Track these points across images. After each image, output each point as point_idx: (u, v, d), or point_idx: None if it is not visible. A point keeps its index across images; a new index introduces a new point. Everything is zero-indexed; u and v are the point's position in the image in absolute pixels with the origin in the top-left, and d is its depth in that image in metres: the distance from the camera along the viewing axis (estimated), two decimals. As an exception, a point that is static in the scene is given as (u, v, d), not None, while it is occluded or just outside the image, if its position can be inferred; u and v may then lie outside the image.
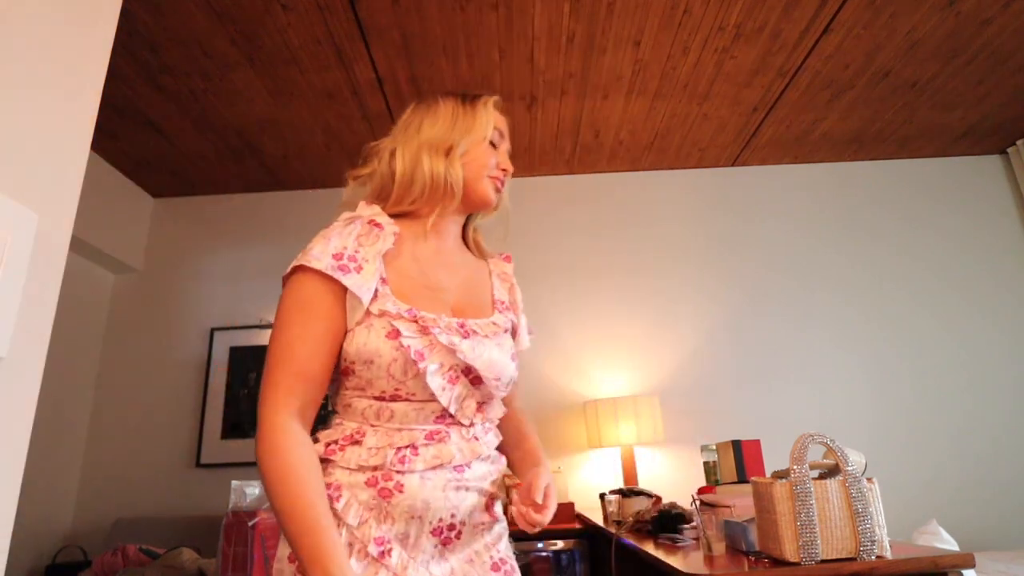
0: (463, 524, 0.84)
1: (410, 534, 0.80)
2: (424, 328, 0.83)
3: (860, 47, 2.37)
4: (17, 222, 0.71)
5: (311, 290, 0.82)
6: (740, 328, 2.99)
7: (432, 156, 0.90)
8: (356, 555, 0.77)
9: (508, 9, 2.09)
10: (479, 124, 0.94)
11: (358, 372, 0.83)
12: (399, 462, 0.80)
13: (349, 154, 2.94)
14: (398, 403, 0.83)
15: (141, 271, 3.09)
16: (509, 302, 1.00)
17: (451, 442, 0.83)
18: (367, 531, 0.78)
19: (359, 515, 0.78)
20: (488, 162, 0.95)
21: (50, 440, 2.62)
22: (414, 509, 0.79)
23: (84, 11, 0.88)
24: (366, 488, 0.79)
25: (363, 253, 0.84)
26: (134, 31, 2.09)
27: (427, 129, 0.93)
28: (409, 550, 0.80)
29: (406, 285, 0.87)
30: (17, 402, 0.72)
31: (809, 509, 1.18)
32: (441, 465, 0.81)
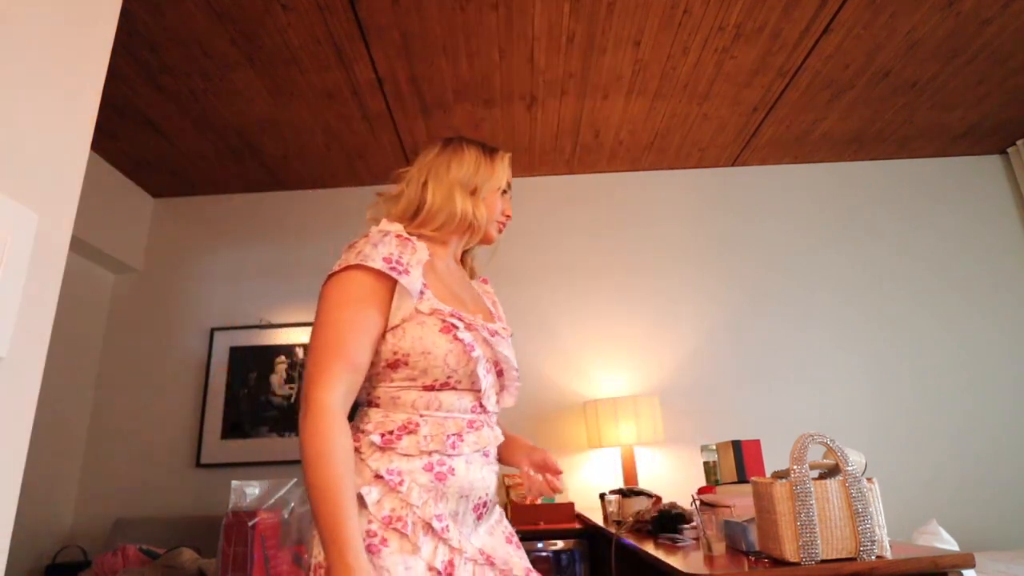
0: (492, 500, 1.01)
1: (459, 511, 0.94)
2: (470, 325, 0.97)
3: (860, 47, 2.37)
4: (17, 222, 0.71)
5: (367, 286, 0.93)
6: (740, 328, 2.99)
7: (463, 195, 1.06)
8: (422, 531, 0.88)
9: (508, 9, 2.09)
10: (497, 175, 1.11)
11: (412, 363, 0.93)
12: (451, 447, 0.93)
13: (349, 154, 2.94)
14: (445, 392, 0.95)
15: (141, 271, 3.09)
16: (499, 315, 1.16)
17: (484, 429, 0.99)
18: (429, 510, 0.89)
19: (421, 497, 0.89)
20: (498, 208, 1.12)
21: (50, 440, 2.62)
22: (463, 489, 0.93)
23: (84, 11, 0.88)
24: (424, 472, 0.91)
25: (407, 259, 0.96)
26: (134, 31, 2.09)
27: (455, 169, 1.07)
28: (459, 525, 0.93)
29: (441, 292, 1.00)
30: (17, 402, 0.72)
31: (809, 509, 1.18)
32: (477, 450, 0.96)
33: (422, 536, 0.87)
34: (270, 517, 1.82)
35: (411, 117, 2.67)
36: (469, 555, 0.91)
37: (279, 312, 3.03)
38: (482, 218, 1.07)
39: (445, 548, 0.89)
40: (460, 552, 0.90)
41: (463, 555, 0.90)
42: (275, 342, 2.95)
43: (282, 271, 3.10)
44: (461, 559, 0.90)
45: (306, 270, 3.09)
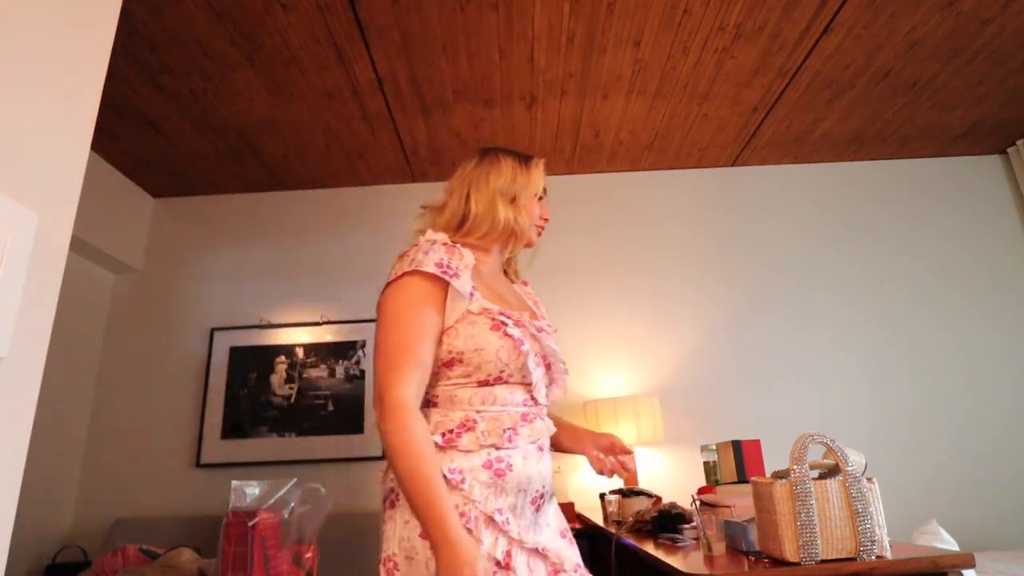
0: (547, 493, 1.05)
1: (518, 504, 0.99)
2: (518, 322, 1.04)
3: (860, 47, 2.37)
4: (17, 222, 0.71)
5: (424, 290, 1.00)
6: (740, 328, 2.99)
7: (504, 204, 1.12)
8: (484, 524, 0.94)
9: (508, 9, 2.09)
10: (533, 182, 1.17)
11: (467, 360, 1.00)
12: (507, 441, 0.98)
13: (349, 154, 2.94)
14: (499, 386, 1.01)
15: (141, 271, 3.09)
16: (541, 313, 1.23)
17: (537, 423, 1.04)
18: (490, 504, 0.95)
19: (483, 493, 0.95)
20: (537, 213, 1.19)
21: (50, 440, 2.62)
22: (521, 483, 0.98)
23: (84, 11, 0.88)
24: (483, 470, 0.96)
25: (456, 264, 1.03)
26: (134, 31, 2.09)
27: (494, 180, 1.14)
28: (518, 517, 0.98)
29: (488, 293, 1.07)
30: (17, 402, 0.72)
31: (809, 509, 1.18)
32: (531, 442, 1.01)
33: (484, 529, 0.93)
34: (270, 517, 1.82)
35: (411, 117, 2.67)
36: (528, 546, 0.97)
37: (279, 312, 3.03)
38: (524, 224, 1.14)
39: (505, 539, 0.94)
40: (520, 543, 0.96)
41: (522, 546, 0.96)
42: (275, 342, 2.95)
43: (282, 271, 3.10)
44: (519, 550, 0.95)
45: (306, 270, 3.09)
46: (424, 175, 3.16)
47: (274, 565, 1.80)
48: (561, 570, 0.99)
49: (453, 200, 1.15)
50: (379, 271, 3.21)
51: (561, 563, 1.00)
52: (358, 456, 2.78)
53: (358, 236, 3.14)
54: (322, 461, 2.78)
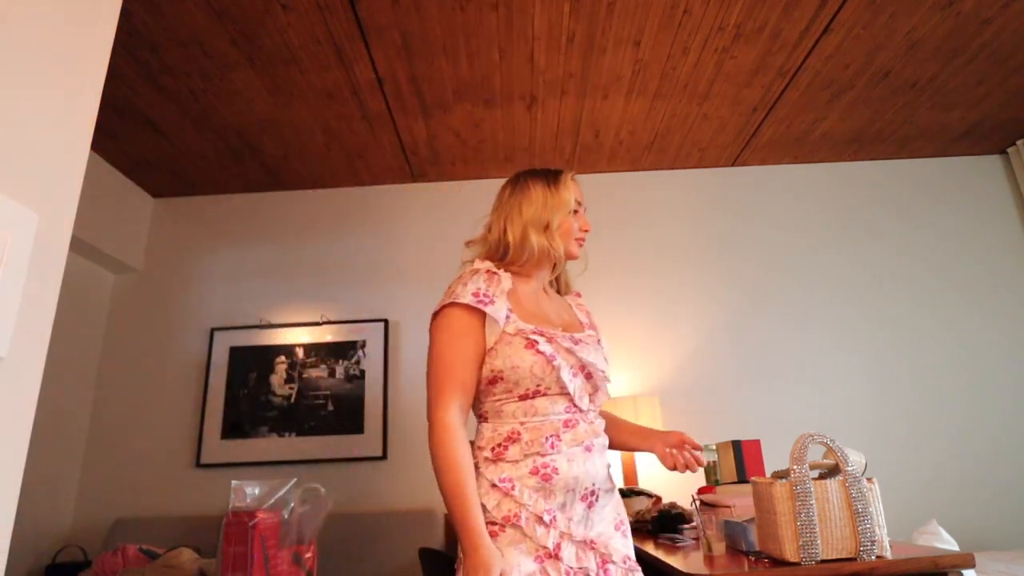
0: (599, 489, 1.13)
1: (567, 503, 1.08)
2: (551, 338, 1.14)
3: (860, 47, 2.37)
4: (17, 222, 0.71)
5: (464, 320, 1.13)
6: (740, 328, 2.99)
7: (537, 234, 1.21)
8: (536, 523, 1.05)
9: (508, 9, 2.09)
10: (564, 201, 1.24)
11: (507, 377, 1.11)
12: (550, 448, 1.08)
13: (349, 154, 2.94)
14: (539, 399, 1.12)
15: (141, 271, 3.09)
16: (590, 323, 1.33)
17: (580, 427, 1.13)
18: (540, 506, 1.06)
19: (532, 497, 1.06)
20: (572, 228, 1.26)
21: (50, 440, 2.62)
22: (568, 484, 1.08)
23: (84, 11, 0.88)
24: (531, 476, 1.07)
25: (491, 291, 1.15)
26: (134, 31, 2.09)
27: (526, 210, 1.23)
28: (567, 514, 1.08)
29: (524, 314, 1.17)
30: (17, 402, 0.72)
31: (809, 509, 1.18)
32: (576, 445, 1.11)
33: (536, 527, 1.05)
34: (270, 517, 1.82)
35: (411, 117, 2.67)
36: (577, 538, 1.07)
37: (279, 312, 3.03)
38: (558, 248, 1.22)
39: (556, 532, 1.05)
40: (569, 536, 1.06)
41: (572, 539, 1.06)
42: (275, 342, 2.95)
43: (282, 271, 3.10)
44: (568, 542, 1.06)
45: (306, 270, 3.09)
46: (424, 175, 3.16)
47: (274, 565, 1.79)
48: (609, 561, 1.08)
49: (492, 233, 1.26)
50: (379, 271, 3.23)
51: (609, 554, 1.08)
52: (358, 456, 2.78)
53: (358, 236, 3.14)
54: (322, 461, 2.78)
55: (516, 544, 1.03)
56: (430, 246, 3.08)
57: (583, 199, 1.32)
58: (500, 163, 3.05)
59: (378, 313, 3.00)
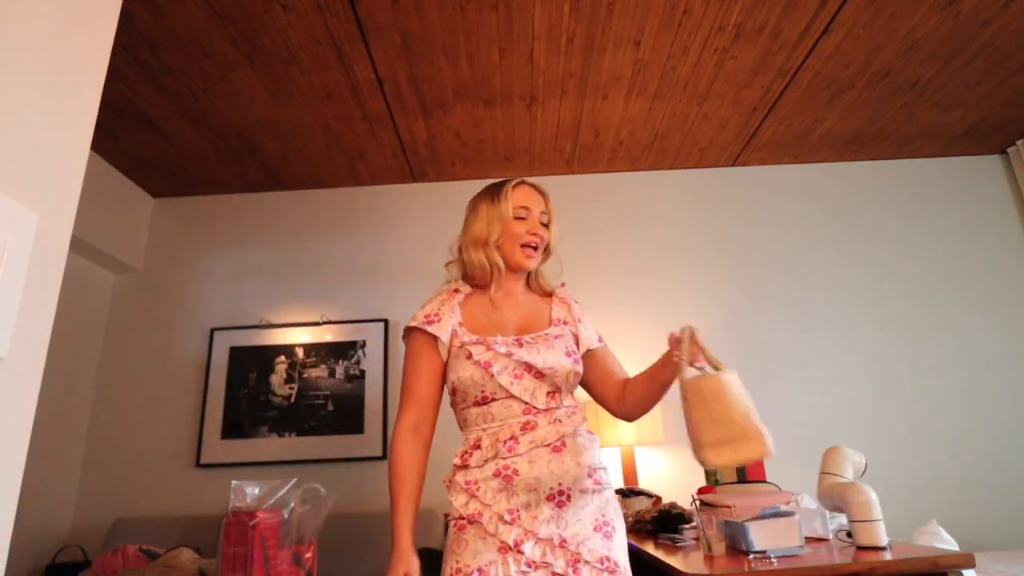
0: (570, 489, 1.14)
1: (531, 502, 1.13)
2: (489, 346, 1.20)
3: (860, 47, 2.37)
4: (17, 222, 0.71)
5: (418, 341, 1.25)
6: (740, 328, 2.99)
7: (475, 250, 1.29)
8: (499, 521, 1.11)
9: (508, 9, 2.09)
10: (503, 212, 1.29)
11: (458, 388, 1.21)
12: (507, 451, 1.14)
13: (349, 154, 2.94)
14: (492, 404, 1.19)
15: (141, 271, 3.08)
16: (567, 318, 1.36)
17: (540, 428, 1.17)
18: (501, 506, 1.12)
19: (495, 498, 1.13)
20: (517, 233, 1.29)
21: (50, 440, 2.62)
22: (529, 484, 1.13)
23: (84, 11, 0.88)
24: (494, 479, 1.14)
25: (442, 310, 1.25)
26: (134, 31, 2.09)
27: (469, 230, 1.32)
28: (532, 513, 1.12)
29: (476, 324, 1.26)
30: (17, 402, 0.72)
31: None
32: (537, 446, 1.14)
33: (499, 524, 1.11)
34: (270, 517, 1.82)
35: (411, 117, 2.67)
36: (542, 536, 1.10)
37: (279, 312, 3.03)
38: (496, 260, 1.28)
39: (518, 530, 1.10)
40: (533, 534, 1.10)
41: (536, 536, 1.10)
42: (275, 342, 2.95)
43: (282, 271, 3.10)
44: (531, 539, 1.10)
45: (306, 270, 3.09)
46: (424, 175, 3.16)
47: (274, 565, 1.79)
48: (582, 560, 1.09)
49: (455, 256, 1.37)
50: (379, 271, 3.22)
51: (582, 555, 1.09)
52: (358, 456, 2.78)
53: (358, 236, 3.14)
54: (322, 461, 2.78)
55: (481, 538, 1.11)
56: (430, 246, 3.07)
57: (536, 203, 1.34)
58: (500, 163, 3.05)
59: (378, 313, 3.00)
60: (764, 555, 1.29)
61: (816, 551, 1.35)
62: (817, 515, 1.52)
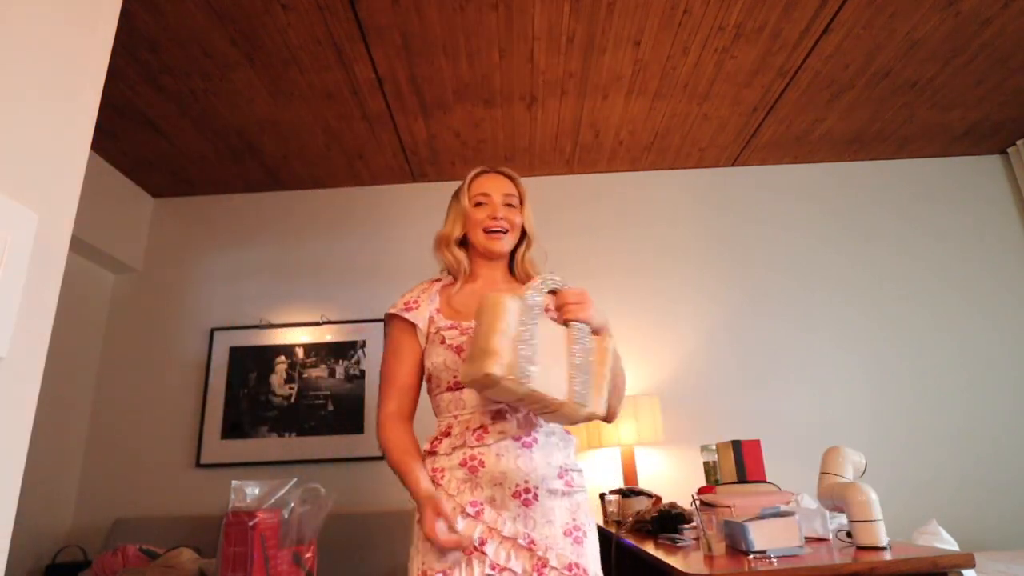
0: (537, 488, 1.10)
1: (496, 497, 1.09)
2: (462, 330, 1.18)
3: (860, 47, 2.37)
4: (17, 222, 0.71)
5: (397, 327, 1.25)
6: (740, 328, 2.99)
7: (441, 250, 1.34)
8: (461, 515, 1.08)
9: (508, 9, 2.09)
10: (462, 204, 1.32)
11: (432, 374, 1.20)
12: (476, 440, 1.11)
13: (349, 154, 2.94)
14: (463, 390, 1.15)
15: (141, 271, 3.08)
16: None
17: (511, 419, 1.13)
18: (464, 497, 1.10)
19: (457, 487, 1.11)
20: (478, 220, 1.31)
21: (50, 440, 2.62)
22: (495, 478, 1.09)
23: (84, 11, 0.88)
24: (460, 468, 1.11)
25: (421, 297, 1.27)
26: (134, 31, 2.09)
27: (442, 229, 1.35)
28: (497, 509, 1.09)
29: (451, 311, 1.25)
30: (17, 402, 0.72)
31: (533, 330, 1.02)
32: (507, 438, 1.11)
33: (460, 518, 1.07)
34: (270, 517, 1.82)
35: (411, 117, 2.67)
36: (507, 534, 1.07)
37: (279, 312, 3.03)
38: (459, 256, 1.31)
39: (482, 527, 1.07)
40: (496, 531, 1.07)
41: (500, 534, 1.07)
42: (275, 342, 2.95)
43: (282, 271, 3.10)
44: (495, 537, 1.07)
45: (306, 270, 3.09)
46: (424, 175, 3.16)
47: (274, 565, 1.79)
48: (548, 565, 1.05)
49: None
50: (379, 271, 3.22)
51: (547, 559, 1.05)
52: (358, 456, 2.78)
53: (358, 236, 3.14)
54: (322, 461, 2.78)
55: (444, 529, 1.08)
56: (430, 246, 3.07)
57: (497, 187, 1.34)
58: (500, 163, 3.04)
59: (378, 313, 3.00)
60: (764, 555, 1.29)
61: (816, 551, 1.35)
62: (817, 515, 1.52)
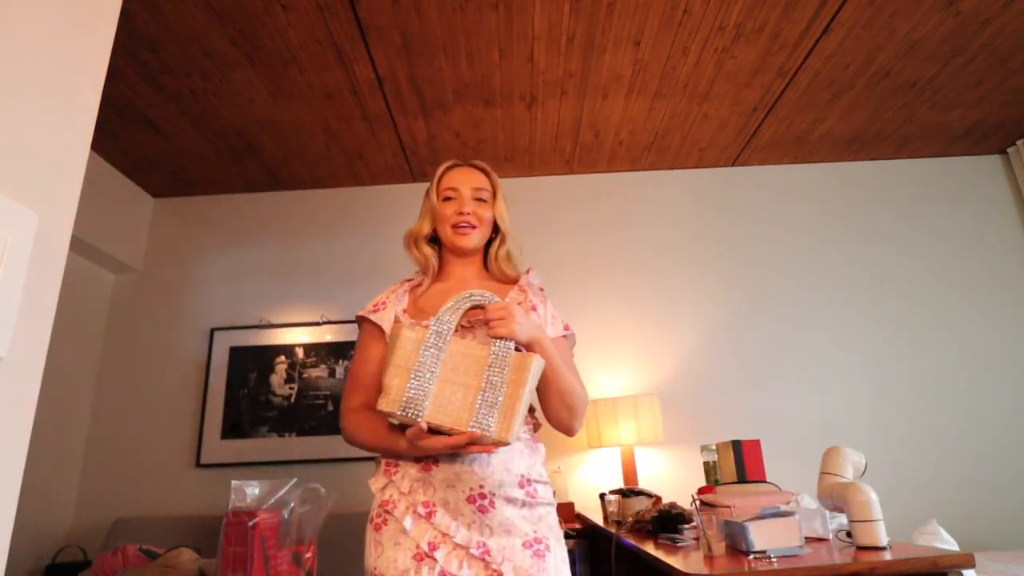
0: (493, 495, 1.05)
1: (449, 500, 1.05)
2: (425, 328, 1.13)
3: (860, 47, 2.37)
4: (17, 222, 0.71)
5: (366, 329, 1.25)
6: (740, 328, 2.99)
7: (409, 247, 1.33)
8: (411, 515, 1.05)
9: (508, 9, 2.09)
10: (431, 200, 1.30)
11: None
12: None
13: (349, 154, 2.94)
14: None
15: (141, 271, 3.08)
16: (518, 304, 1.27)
17: None
18: (416, 497, 1.06)
19: (410, 485, 1.07)
20: (446, 215, 1.27)
21: (50, 440, 2.62)
22: (447, 479, 1.04)
23: (84, 11, 0.88)
24: (414, 464, 1.08)
25: (389, 298, 1.26)
26: (134, 31, 2.09)
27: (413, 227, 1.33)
28: (451, 513, 1.04)
29: (416, 311, 1.23)
30: (17, 402, 0.72)
31: (434, 360, 1.01)
32: None
33: (409, 519, 1.04)
34: (270, 517, 1.82)
35: (411, 117, 2.67)
36: (459, 541, 1.02)
37: (279, 312, 3.03)
38: (428, 255, 1.30)
39: (433, 532, 1.03)
40: (448, 537, 1.02)
41: (452, 540, 1.02)
42: (275, 342, 2.95)
43: (282, 271, 3.10)
44: (447, 543, 1.02)
45: (306, 270, 3.09)
46: (424, 175, 3.16)
47: (274, 565, 1.80)
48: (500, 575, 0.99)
49: None
50: (379, 271, 3.22)
51: (504, 571, 1.00)
52: (358, 456, 2.78)
53: (358, 236, 3.14)
54: (322, 461, 2.78)
55: (396, 543, 1.04)
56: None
57: (467, 181, 1.28)
58: (500, 163, 3.05)
59: (378, 313, 3.00)
60: (764, 555, 1.29)
61: (816, 551, 1.35)
62: (817, 515, 1.52)
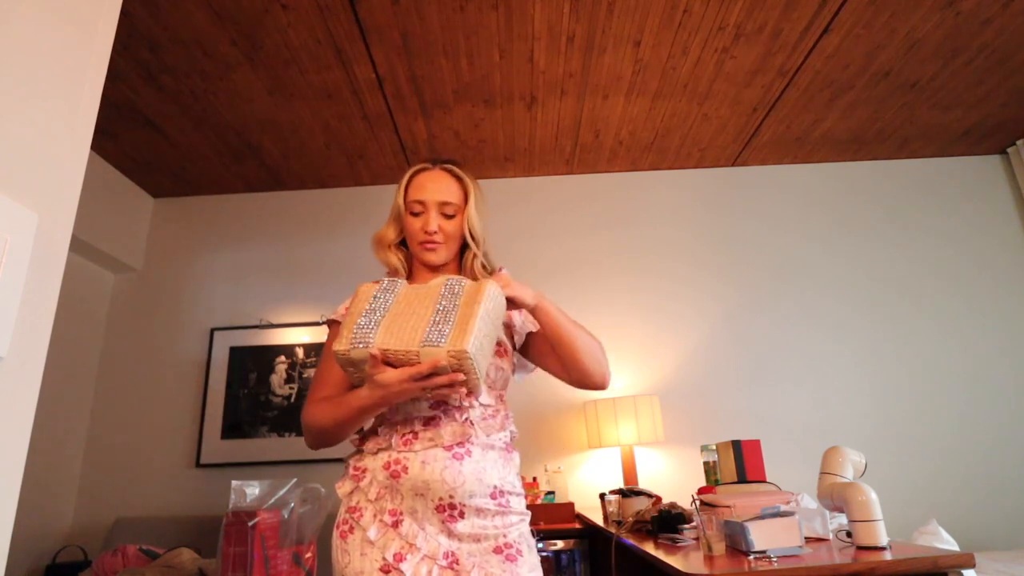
0: (464, 506, 1.01)
1: (417, 509, 1.01)
2: None
3: (860, 47, 2.37)
4: (17, 222, 0.71)
5: (331, 333, 1.19)
6: (740, 328, 2.99)
7: (376, 251, 1.26)
8: (376, 523, 1.01)
9: (508, 9, 2.09)
10: (398, 208, 1.21)
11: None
12: (403, 445, 1.03)
13: (349, 154, 2.94)
14: None
15: (141, 271, 3.08)
16: None
17: (447, 428, 1.04)
18: (383, 504, 1.02)
19: (376, 492, 1.03)
20: (413, 231, 1.19)
21: (50, 440, 2.62)
22: (416, 487, 1.00)
23: (84, 11, 0.88)
24: (383, 470, 1.03)
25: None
26: (134, 31, 2.09)
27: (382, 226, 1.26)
28: (419, 522, 1.01)
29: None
30: (17, 402, 0.72)
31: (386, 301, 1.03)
32: (436, 447, 1.02)
33: (374, 528, 1.00)
34: (270, 517, 1.82)
35: (411, 117, 2.67)
36: (427, 552, 0.98)
37: (279, 312, 3.03)
38: (397, 264, 1.23)
39: (400, 541, 0.99)
40: (414, 548, 0.98)
41: (418, 551, 0.98)
42: (275, 342, 2.95)
43: (282, 271, 3.10)
44: (414, 553, 0.98)
45: (306, 270, 3.09)
46: (424, 175, 3.15)
47: (274, 565, 1.80)
48: None
49: None
50: (379, 271, 3.21)
51: None
52: (358, 456, 2.78)
53: (358, 236, 3.14)
54: (322, 461, 2.78)
55: (363, 552, 1.00)
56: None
57: (434, 194, 1.18)
58: (500, 163, 3.05)
59: (378, 313, 3.00)
60: (764, 555, 1.29)
61: (816, 551, 1.35)
62: (817, 515, 1.52)
